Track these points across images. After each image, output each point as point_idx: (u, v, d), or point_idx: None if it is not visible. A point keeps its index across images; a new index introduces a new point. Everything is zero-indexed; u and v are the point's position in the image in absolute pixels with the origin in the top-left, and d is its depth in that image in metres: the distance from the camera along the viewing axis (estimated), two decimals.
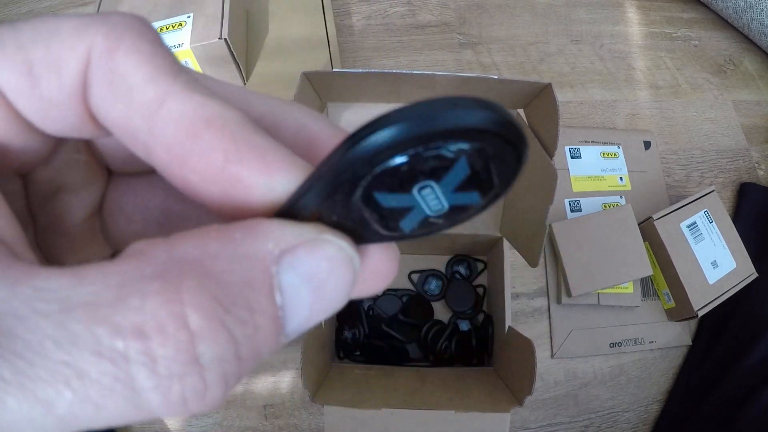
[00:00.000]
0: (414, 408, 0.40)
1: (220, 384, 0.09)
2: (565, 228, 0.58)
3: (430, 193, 0.11)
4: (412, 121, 0.09)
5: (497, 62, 0.72)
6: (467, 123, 0.09)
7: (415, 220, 0.11)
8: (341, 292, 0.11)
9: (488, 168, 0.10)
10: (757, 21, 0.71)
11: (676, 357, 0.60)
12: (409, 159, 0.10)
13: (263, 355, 0.10)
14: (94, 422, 0.09)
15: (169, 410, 0.09)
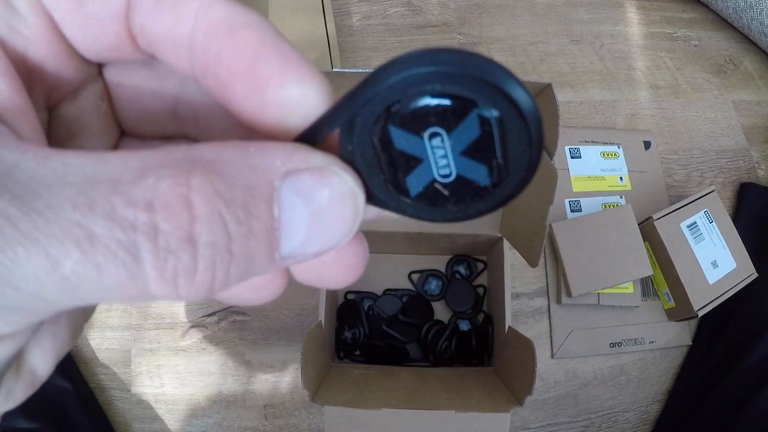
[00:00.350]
0: (414, 408, 0.40)
1: (208, 270, 0.10)
2: (565, 228, 0.58)
3: (439, 146, 0.11)
4: (449, 63, 0.10)
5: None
6: (500, 84, 0.10)
7: (422, 180, 0.12)
8: (340, 226, 0.12)
9: (498, 139, 0.11)
10: (757, 21, 0.71)
11: (676, 357, 0.60)
12: (433, 95, 0.10)
13: (256, 268, 0.11)
14: (92, 290, 0.10)
15: (161, 286, 0.10)
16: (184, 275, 0.10)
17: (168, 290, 0.10)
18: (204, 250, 0.10)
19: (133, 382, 0.55)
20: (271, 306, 0.58)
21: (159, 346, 0.56)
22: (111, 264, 0.09)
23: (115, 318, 0.57)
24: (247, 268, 0.11)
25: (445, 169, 0.12)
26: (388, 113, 0.11)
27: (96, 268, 0.09)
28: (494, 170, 0.11)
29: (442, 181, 0.12)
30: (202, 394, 0.55)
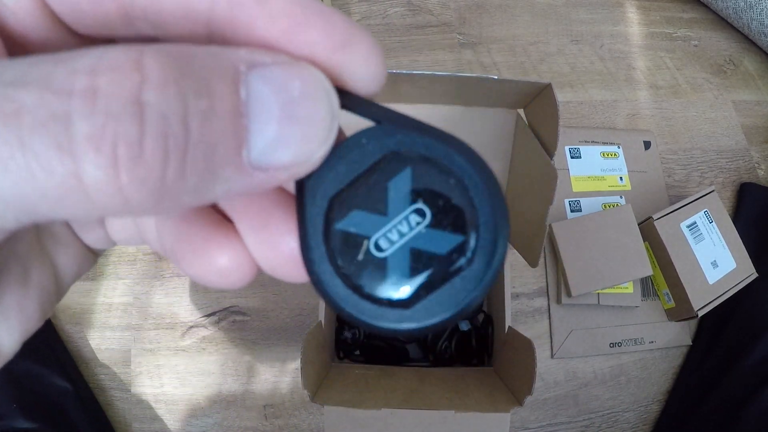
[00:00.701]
0: (414, 408, 0.40)
1: (158, 148, 0.08)
2: (565, 228, 0.58)
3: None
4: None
5: (497, 62, 0.72)
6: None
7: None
8: (314, 127, 0.10)
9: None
10: (757, 21, 0.71)
11: (676, 357, 0.60)
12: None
13: (221, 165, 0.09)
14: (15, 178, 0.08)
15: (98, 166, 0.08)
16: (127, 149, 0.08)
17: (107, 173, 0.08)
18: (153, 117, 0.08)
19: (133, 382, 0.55)
20: (271, 306, 0.58)
21: (159, 346, 0.56)
22: (36, 137, 0.08)
23: (115, 318, 0.57)
24: (208, 161, 0.09)
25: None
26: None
27: (20, 144, 0.08)
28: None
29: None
30: (202, 394, 0.55)
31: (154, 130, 0.08)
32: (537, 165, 0.42)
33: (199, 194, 0.10)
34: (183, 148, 0.09)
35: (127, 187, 0.08)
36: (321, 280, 0.12)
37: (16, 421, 0.47)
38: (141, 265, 0.59)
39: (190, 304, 0.58)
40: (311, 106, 0.10)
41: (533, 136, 0.43)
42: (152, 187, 0.09)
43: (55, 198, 0.08)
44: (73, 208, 0.09)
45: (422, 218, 0.11)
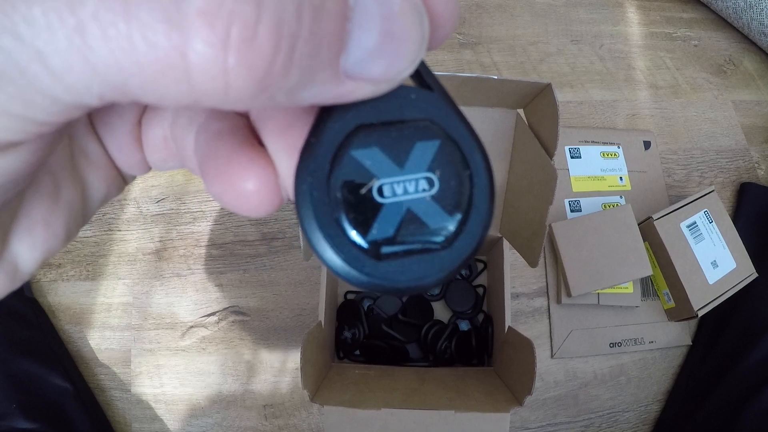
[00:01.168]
0: (414, 408, 0.40)
1: (272, 36, 0.08)
2: (565, 228, 0.58)
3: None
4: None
5: (497, 62, 0.72)
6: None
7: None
8: (409, 44, 0.10)
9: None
10: (757, 21, 0.71)
11: (676, 357, 0.60)
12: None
13: (319, 66, 0.09)
14: (113, 53, 0.08)
15: (208, 46, 0.08)
16: (241, 31, 0.08)
17: (216, 53, 0.08)
18: (271, 2, 0.08)
19: (133, 382, 0.55)
20: (271, 306, 0.58)
21: (159, 346, 0.56)
22: (144, 5, 0.07)
23: (115, 318, 0.57)
24: (312, 59, 0.09)
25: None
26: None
27: (124, 10, 0.07)
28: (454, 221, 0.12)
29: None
30: (202, 394, 0.55)
31: (271, 16, 0.08)
32: (537, 165, 0.42)
33: (294, 94, 0.09)
34: (294, 40, 0.08)
35: (233, 70, 0.08)
36: (305, 192, 0.11)
37: (16, 421, 0.47)
38: (141, 265, 0.59)
39: (190, 304, 0.58)
40: (408, 24, 0.10)
41: (533, 136, 0.43)
42: (257, 76, 0.08)
43: (153, 74, 0.08)
44: (167, 88, 0.08)
45: (429, 188, 0.12)
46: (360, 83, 0.10)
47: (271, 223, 0.61)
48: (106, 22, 0.07)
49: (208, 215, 0.61)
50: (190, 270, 0.59)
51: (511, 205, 0.49)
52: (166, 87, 0.08)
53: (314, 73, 0.09)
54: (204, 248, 0.60)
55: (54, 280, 0.58)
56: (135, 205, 0.61)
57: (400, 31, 0.10)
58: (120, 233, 0.60)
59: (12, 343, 0.51)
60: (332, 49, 0.09)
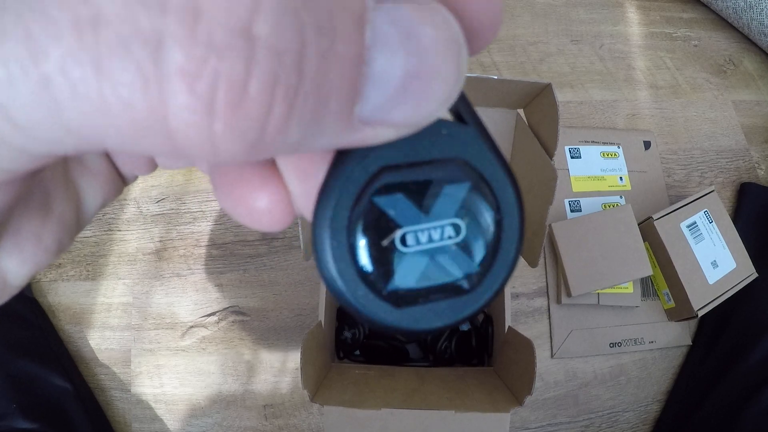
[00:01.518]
0: (414, 408, 0.40)
1: (264, 95, 0.07)
2: (565, 228, 0.58)
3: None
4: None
5: (497, 62, 0.72)
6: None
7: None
8: (440, 84, 0.09)
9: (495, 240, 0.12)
10: (757, 21, 0.71)
11: (676, 357, 0.60)
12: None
13: (327, 119, 0.08)
14: (83, 107, 0.07)
15: (188, 108, 0.07)
16: (228, 93, 0.07)
17: (200, 118, 0.07)
18: (264, 56, 0.07)
19: (133, 382, 0.55)
20: (271, 306, 0.58)
21: (159, 346, 0.56)
22: (117, 60, 0.06)
23: (115, 318, 0.57)
24: (317, 112, 0.08)
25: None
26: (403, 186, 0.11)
27: (95, 66, 0.06)
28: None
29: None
30: (202, 394, 0.55)
31: (263, 72, 0.07)
32: (537, 165, 0.42)
33: (298, 147, 0.08)
34: (293, 96, 0.07)
35: (220, 136, 0.07)
36: (323, 241, 0.11)
37: (16, 421, 0.47)
38: (141, 265, 0.59)
39: (190, 304, 0.58)
40: (441, 60, 0.08)
41: (533, 136, 0.43)
42: (249, 139, 0.07)
43: (130, 134, 0.07)
44: (149, 146, 0.07)
45: (456, 234, 0.11)
46: (380, 129, 0.09)
47: None
48: (75, 78, 0.07)
49: (208, 215, 0.61)
50: (190, 270, 0.59)
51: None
52: (148, 145, 0.07)
53: (321, 126, 0.08)
54: (204, 248, 0.60)
55: (54, 280, 0.58)
56: (135, 205, 0.61)
57: (429, 69, 0.08)
58: (120, 233, 0.60)
59: (12, 343, 0.51)
60: (343, 98, 0.08)
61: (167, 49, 0.06)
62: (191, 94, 0.07)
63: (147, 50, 0.06)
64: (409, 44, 0.08)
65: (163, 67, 0.07)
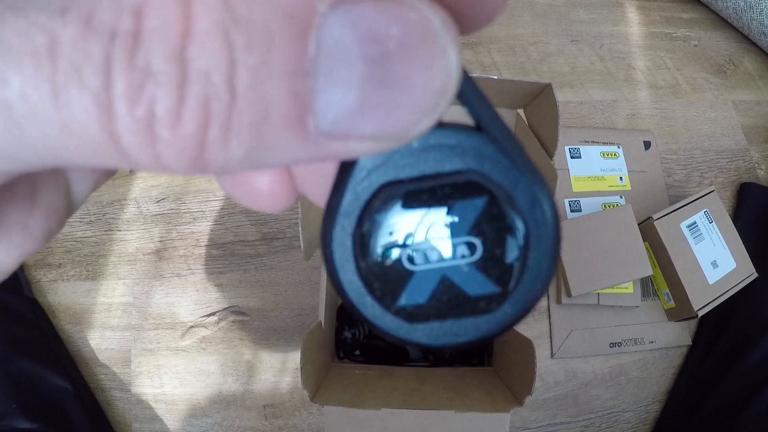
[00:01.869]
0: (413, 408, 0.40)
1: (198, 115, 0.07)
2: (565, 228, 0.58)
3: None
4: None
5: (497, 62, 0.72)
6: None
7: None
8: (418, 92, 0.08)
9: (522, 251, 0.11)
10: (757, 21, 0.71)
11: (676, 357, 0.60)
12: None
13: (275, 135, 0.08)
14: (43, 128, 0.07)
15: (133, 131, 0.07)
16: (166, 115, 0.07)
17: (144, 140, 0.07)
18: (196, 78, 0.07)
19: (133, 382, 0.55)
20: (271, 306, 0.58)
21: (159, 346, 0.56)
22: (74, 88, 0.07)
23: (115, 318, 0.57)
24: (259, 128, 0.08)
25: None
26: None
27: (53, 93, 0.07)
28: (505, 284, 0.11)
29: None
30: (202, 394, 0.55)
31: (195, 94, 0.07)
32: (537, 165, 0.42)
33: (252, 163, 0.08)
34: (227, 114, 0.07)
35: (163, 155, 0.08)
36: (336, 265, 0.10)
37: (16, 421, 0.47)
38: (141, 265, 0.59)
39: (190, 304, 0.58)
40: (413, 64, 0.08)
41: (533, 136, 0.43)
42: (190, 156, 0.08)
43: (90, 152, 0.08)
44: (108, 163, 0.08)
45: (470, 253, 0.10)
46: (352, 143, 0.08)
47: (271, 223, 0.61)
48: (35, 103, 0.07)
49: (208, 215, 0.61)
50: (190, 270, 0.59)
51: None
52: (109, 161, 0.08)
53: (269, 141, 0.08)
54: (204, 248, 0.60)
55: (54, 280, 0.58)
56: (135, 205, 0.61)
57: (396, 77, 0.08)
58: (120, 233, 0.60)
59: (12, 343, 0.51)
60: (286, 113, 0.08)
61: (114, 75, 0.07)
62: (132, 118, 0.07)
63: (98, 77, 0.07)
64: (369, 49, 0.07)
65: (112, 92, 0.07)
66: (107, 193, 0.62)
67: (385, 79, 0.08)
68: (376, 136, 0.08)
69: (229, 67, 0.07)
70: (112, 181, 0.62)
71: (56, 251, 0.60)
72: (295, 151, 0.08)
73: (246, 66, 0.07)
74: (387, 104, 0.08)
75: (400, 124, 0.08)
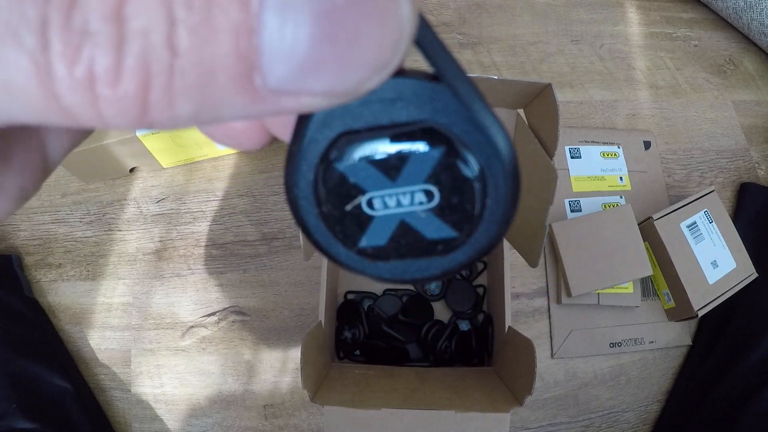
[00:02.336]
0: (414, 408, 0.40)
1: (138, 74, 0.07)
2: (565, 228, 0.58)
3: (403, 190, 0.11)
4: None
5: (497, 62, 0.72)
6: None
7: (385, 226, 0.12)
8: (369, 46, 0.08)
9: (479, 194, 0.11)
10: (757, 21, 0.71)
11: (676, 357, 0.60)
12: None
13: (223, 92, 0.08)
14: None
15: (74, 91, 0.07)
16: (104, 75, 0.07)
17: (84, 99, 0.07)
18: (134, 38, 0.07)
19: (133, 382, 0.55)
20: (271, 306, 0.58)
21: (159, 346, 0.56)
22: (12, 49, 0.07)
23: (115, 318, 0.57)
24: (205, 87, 0.08)
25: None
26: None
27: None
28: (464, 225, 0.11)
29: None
30: (202, 394, 0.55)
31: (134, 54, 0.07)
32: (537, 165, 0.42)
33: (202, 119, 0.08)
34: (168, 74, 0.07)
35: (105, 113, 0.08)
36: (301, 208, 0.11)
37: (16, 421, 0.47)
38: (141, 265, 0.59)
39: (190, 304, 0.58)
40: (365, 20, 0.07)
41: (533, 136, 0.43)
42: (133, 115, 0.08)
43: (35, 111, 0.08)
44: (55, 121, 0.08)
45: (428, 200, 0.11)
46: (303, 98, 0.08)
47: (271, 223, 0.61)
48: None
49: (208, 215, 0.61)
50: (190, 270, 0.59)
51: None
52: (54, 120, 0.08)
53: (216, 99, 0.08)
54: (204, 248, 0.60)
55: (54, 280, 0.58)
56: (135, 205, 0.61)
57: (346, 33, 0.07)
58: (120, 233, 0.60)
59: (12, 343, 0.51)
60: (233, 71, 0.07)
61: (51, 37, 0.07)
62: (71, 78, 0.07)
63: (35, 38, 0.07)
64: (317, 4, 0.07)
65: (49, 53, 0.07)
66: (107, 193, 0.62)
67: (333, 35, 0.07)
68: (327, 93, 0.08)
69: (169, 26, 0.07)
70: (112, 181, 0.62)
71: (56, 251, 0.60)
72: (245, 108, 0.08)
73: (186, 25, 0.07)
74: (337, 60, 0.08)
75: (351, 80, 0.08)
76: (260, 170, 0.63)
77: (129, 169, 0.61)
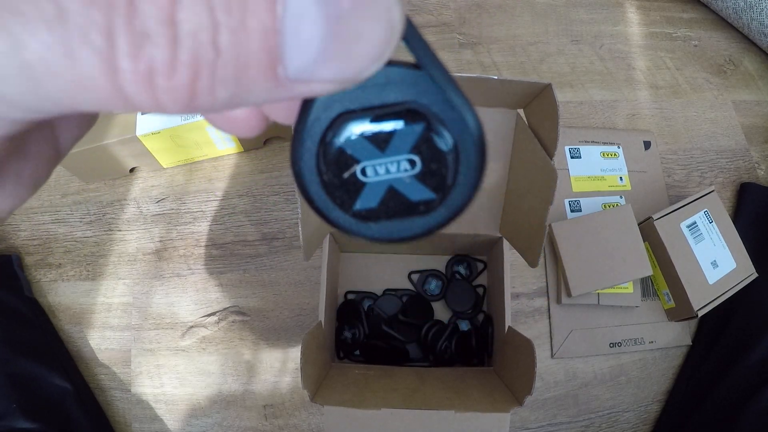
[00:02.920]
0: (414, 408, 0.40)
1: (190, 66, 0.09)
2: (565, 228, 0.58)
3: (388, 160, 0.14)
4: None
5: (497, 62, 0.72)
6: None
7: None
8: (367, 43, 0.10)
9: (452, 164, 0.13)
10: (757, 21, 0.71)
11: (676, 357, 0.60)
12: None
13: (253, 81, 0.10)
14: (60, 83, 0.09)
15: (136, 82, 0.09)
16: (162, 69, 0.09)
17: (144, 89, 0.09)
18: (186, 38, 0.09)
19: (133, 382, 0.55)
20: (271, 306, 0.58)
21: (159, 346, 0.56)
22: (84, 49, 0.08)
23: (115, 318, 0.57)
24: (239, 77, 0.09)
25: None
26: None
27: (66, 53, 0.08)
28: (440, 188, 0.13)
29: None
30: (202, 394, 0.55)
31: (186, 50, 0.09)
32: (537, 165, 0.42)
33: (234, 103, 0.10)
34: (212, 65, 0.09)
35: (161, 100, 0.09)
36: (305, 179, 0.13)
37: (16, 421, 0.47)
38: (141, 265, 0.59)
39: (190, 304, 0.58)
40: (364, 23, 0.09)
41: (533, 136, 0.43)
42: (184, 101, 0.09)
43: (98, 100, 0.09)
44: (116, 108, 0.09)
45: (411, 168, 0.13)
46: (314, 85, 0.10)
47: (271, 223, 0.61)
48: (50, 62, 0.08)
49: (208, 215, 0.61)
50: (190, 270, 0.59)
51: (511, 205, 0.49)
52: (115, 106, 0.09)
53: (247, 87, 0.10)
54: (204, 248, 0.60)
55: (54, 280, 0.58)
56: (135, 205, 0.61)
57: (349, 33, 0.09)
58: (120, 233, 0.60)
59: (12, 343, 0.51)
60: (262, 64, 0.09)
61: (117, 38, 0.08)
62: (135, 72, 0.09)
63: (102, 39, 0.08)
64: (327, 9, 0.09)
65: (115, 51, 0.08)
66: (107, 193, 0.62)
67: (340, 34, 0.09)
68: (334, 80, 0.10)
69: (213, 28, 0.09)
70: (112, 181, 0.62)
71: (56, 251, 0.60)
72: (269, 94, 0.10)
73: (227, 27, 0.09)
74: (343, 54, 0.10)
75: (353, 69, 0.10)
76: (260, 170, 0.63)
77: (129, 169, 0.61)
